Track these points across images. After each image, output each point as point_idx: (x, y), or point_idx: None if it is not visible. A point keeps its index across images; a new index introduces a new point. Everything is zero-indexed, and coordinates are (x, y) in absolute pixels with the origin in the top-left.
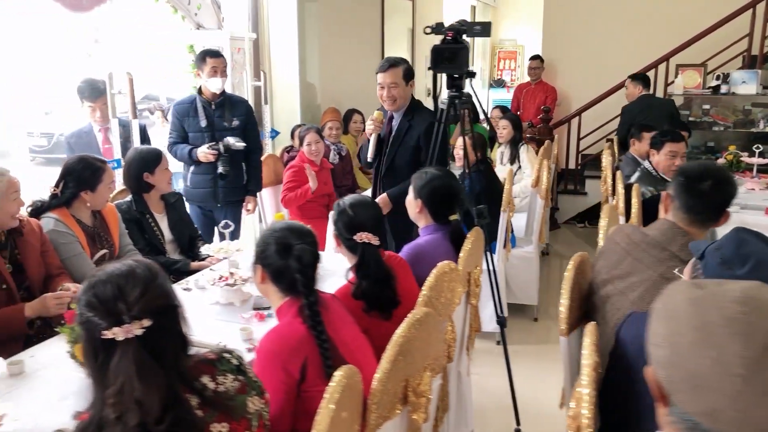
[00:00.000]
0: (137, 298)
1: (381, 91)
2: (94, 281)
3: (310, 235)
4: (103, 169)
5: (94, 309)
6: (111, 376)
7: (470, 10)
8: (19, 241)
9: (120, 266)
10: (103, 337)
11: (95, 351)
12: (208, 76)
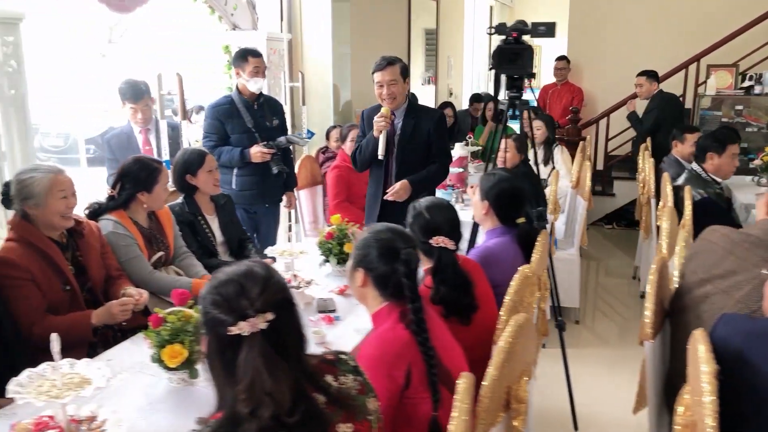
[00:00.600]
0: (258, 294)
1: (380, 90)
2: (216, 282)
3: (412, 239)
4: (159, 170)
5: (219, 306)
6: (240, 372)
7: (489, 10)
8: (80, 243)
9: (238, 267)
10: (230, 334)
11: (222, 348)
12: (250, 75)
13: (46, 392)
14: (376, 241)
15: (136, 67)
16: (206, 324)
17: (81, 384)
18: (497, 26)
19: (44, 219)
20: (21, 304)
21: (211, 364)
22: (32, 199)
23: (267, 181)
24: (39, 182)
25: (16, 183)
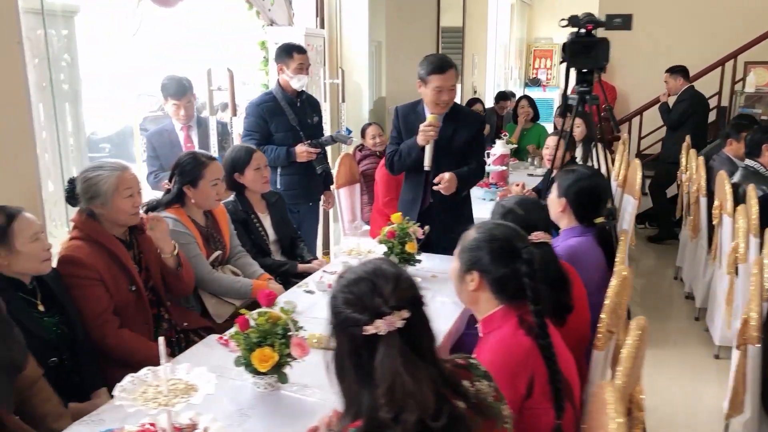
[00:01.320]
0: (392, 291)
1: (438, 95)
2: (346, 281)
3: (526, 237)
4: (204, 165)
5: (353, 305)
6: (377, 375)
7: (510, 8)
8: (141, 240)
9: (364, 265)
10: (365, 334)
11: (356, 349)
12: (294, 72)
13: (152, 399)
14: (490, 241)
15: (162, 63)
16: (339, 324)
17: (187, 390)
18: (570, 18)
19: (110, 217)
20: (88, 305)
21: (342, 366)
22: (99, 198)
23: (311, 180)
24: (105, 181)
25: (82, 181)
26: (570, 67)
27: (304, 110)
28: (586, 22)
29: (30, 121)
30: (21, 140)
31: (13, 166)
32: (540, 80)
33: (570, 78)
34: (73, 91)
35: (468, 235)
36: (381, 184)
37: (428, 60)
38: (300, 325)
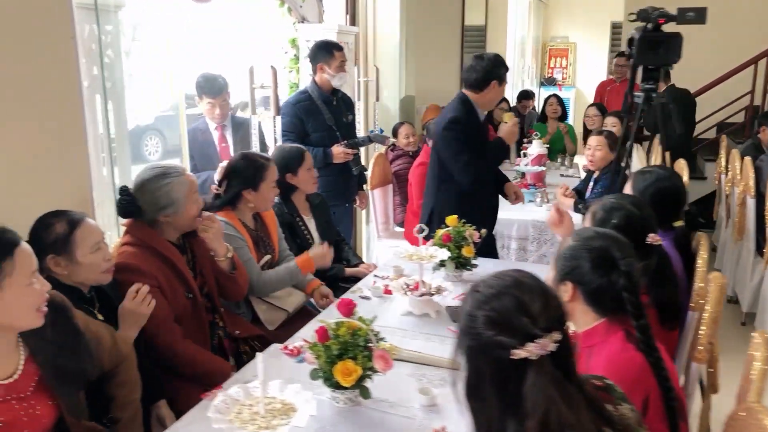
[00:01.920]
0: (541, 309)
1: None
2: (483, 297)
3: (628, 247)
4: (266, 167)
5: (497, 326)
6: (528, 403)
7: (528, 6)
8: (193, 243)
9: (501, 278)
10: (513, 358)
11: (500, 375)
12: (335, 71)
13: (250, 420)
14: (587, 251)
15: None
16: (479, 348)
17: (286, 411)
18: (639, 12)
19: (177, 223)
20: (151, 313)
21: (477, 391)
22: (171, 207)
23: (347, 181)
24: (176, 188)
25: (149, 192)
26: (638, 64)
27: (339, 109)
28: (657, 16)
29: (82, 120)
30: (73, 141)
31: (65, 167)
32: (555, 79)
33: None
34: (117, 88)
35: (564, 242)
36: (415, 186)
37: (501, 61)
38: (381, 337)
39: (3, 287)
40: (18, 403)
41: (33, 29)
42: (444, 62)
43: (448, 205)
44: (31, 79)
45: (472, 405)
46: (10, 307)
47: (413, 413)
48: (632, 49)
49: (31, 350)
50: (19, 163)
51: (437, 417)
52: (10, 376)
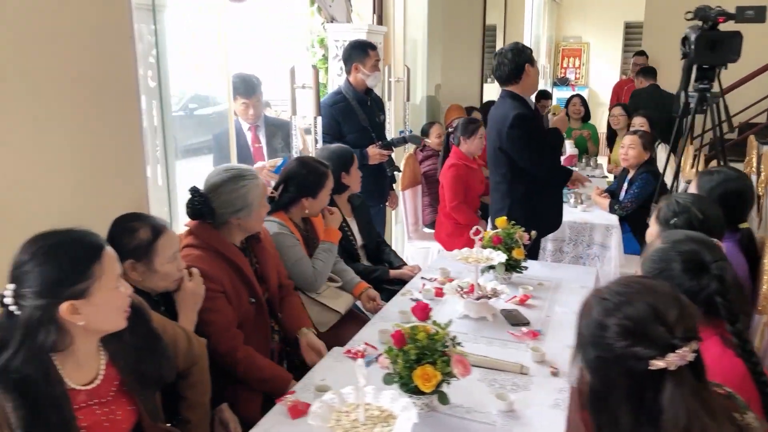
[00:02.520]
0: (678, 318)
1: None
2: (612, 305)
3: (719, 249)
4: (326, 175)
5: (633, 335)
6: (667, 414)
7: (543, 6)
8: (258, 248)
9: (629, 285)
10: (650, 368)
11: (636, 386)
12: (371, 70)
13: (351, 428)
14: (677, 253)
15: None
16: (612, 359)
17: (386, 419)
18: (697, 10)
19: (246, 226)
20: (213, 319)
21: (608, 405)
22: (245, 209)
23: (381, 182)
24: (252, 191)
25: (225, 194)
26: (694, 63)
27: (372, 110)
28: (716, 15)
29: (139, 120)
30: (129, 141)
31: (122, 168)
32: (568, 79)
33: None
34: (161, 88)
35: (652, 244)
36: (447, 189)
37: (522, 45)
38: (458, 341)
39: (92, 292)
40: (99, 408)
41: (93, 29)
42: (466, 62)
43: (523, 204)
44: (91, 79)
45: (599, 417)
46: (99, 311)
47: (492, 419)
48: (686, 49)
49: (111, 355)
50: (78, 164)
51: (516, 423)
52: (92, 382)
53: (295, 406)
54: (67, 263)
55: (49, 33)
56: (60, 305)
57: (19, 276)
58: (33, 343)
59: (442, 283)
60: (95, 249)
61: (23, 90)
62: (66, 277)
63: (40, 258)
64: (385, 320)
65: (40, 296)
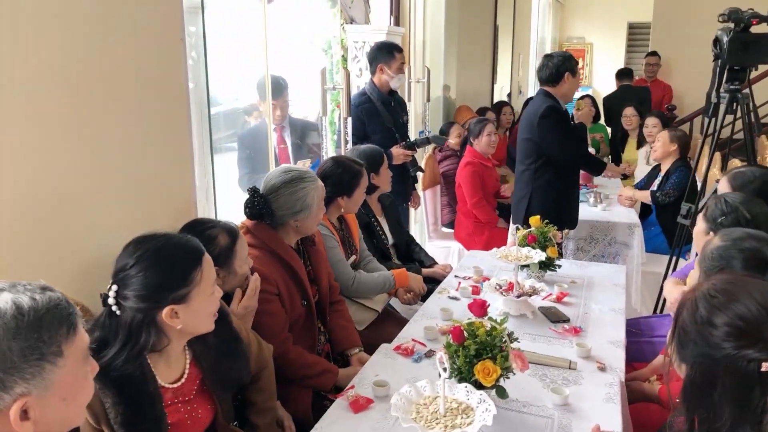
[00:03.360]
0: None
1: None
2: (719, 304)
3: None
4: (361, 174)
5: (745, 335)
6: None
7: (548, 6)
8: (312, 250)
9: (734, 284)
10: (762, 370)
11: (744, 387)
12: (395, 72)
13: (433, 420)
14: (738, 251)
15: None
16: (721, 358)
17: (465, 411)
18: (730, 12)
19: (304, 229)
20: (267, 321)
21: (709, 400)
22: (305, 211)
23: (404, 182)
24: (312, 193)
25: (285, 195)
26: (728, 65)
27: (396, 110)
28: (750, 17)
29: (188, 123)
30: (180, 142)
31: (172, 169)
32: None
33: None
34: (200, 89)
35: (711, 242)
36: (466, 186)
37: (569, 56)
38: (515, 337)
39: (192, 297)
40: (183, 406)
41: (146, 30)
42: (479, 63)
43: (545, 192)
44: (144, 80)
45: (696, 411)
46: (195, 316)
47: (549, 413)
48: (717, 50)
49: (195, 355)
50: (130, 165)
51: (573, 416)
52: (178, 380)
53: (357, 401)
54: (170, 269)
55: (103, 34)
56: (162, 309)
57: (123, 279)
58: (135, 344)
59: (476, 281)
60: (196, 255)
61: (78, 91)
62: (169, 282)
63: (144, 263)
64: (427, 317)
65: (143, 300)
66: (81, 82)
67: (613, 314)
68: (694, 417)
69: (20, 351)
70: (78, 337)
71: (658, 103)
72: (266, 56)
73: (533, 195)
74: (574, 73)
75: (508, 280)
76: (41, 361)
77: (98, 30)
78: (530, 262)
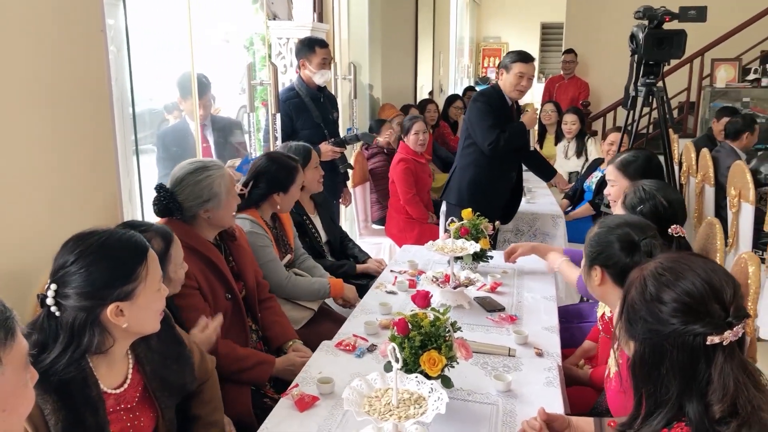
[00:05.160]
0: (733, 297)
1: (519, 80)
2: (666, 282)
3: (650, 227)
4: (297, 170)
5: (692, 311)
6: (715, 387)
7: (465, 7)
8: (233, 245)
9: (680, 261)
10: (707, 343)
11: (690, 360)
12: (317, 67)
13: (386, 412)
14: (615, 237)
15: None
16: (669, 333)
17: (418, 401)
18: (644, 10)
19: (216, 220)
20: (188, 316)
21: (656, 375)
22: (213, 201)
23: (335, 179)
24: (218, 181)
25: (190, 186)
26: (645, 60)
27: (325, 106)
28: (663, 14)
29: (110, 118)
30: (102, 141)
31: (96, 166)
32: (489, 78)
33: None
34: (121, 85)
35: (591, 231)
36: (400, 183)
37: (515, 52)
38: (458, 326)
39: (137, 293)
40: (125, 413)
41: (64, 19)
42: (401, 62)
43: (464, 171)
44: (63, 73)
45: (645, 385)
46: (141, 314)
47: (494, 399)
48: (634, 46)
49: (138, 359)
50: (50, 164)
51: (517, 401)
52: (121, 386)
53: (302, 399)
54: (114, 264)
55: (19, 27)
56: (106, 307)
57: (63, 277)
58: (77, 346)
59: (412, 275)
60: (141, 250)
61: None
62: (114, 278)
63: (86, 258)
64: (366, 313)
65: (87, 297)
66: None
67: (545, 302)
68: (642, 392)
69: None
70: (17, 344)
71: (576, 99)
72: (191, 53)
73: (455, 172)
74: (507, 70)
75: (444, 272)
76: None
77: (9, 18)
78: (465, 254)
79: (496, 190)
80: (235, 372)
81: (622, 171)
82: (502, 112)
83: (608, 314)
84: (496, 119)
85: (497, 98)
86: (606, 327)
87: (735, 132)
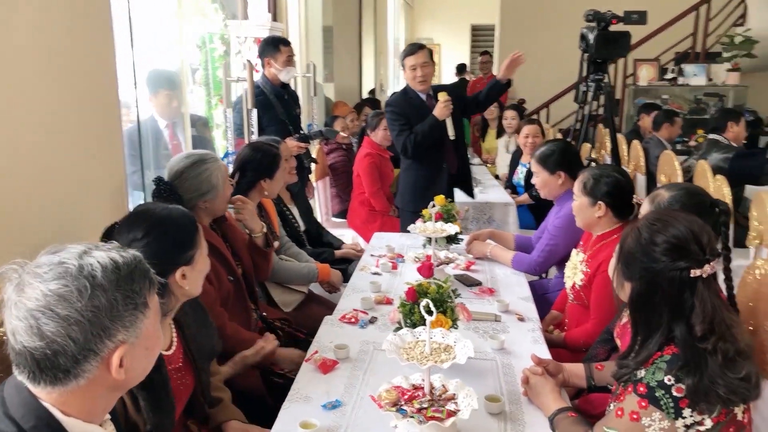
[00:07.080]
0: (709, 239)
1: (413, 72)
2: (657, 228)
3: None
4: (280, 155)
5: (679, 249)
6: (697, 311)
7: (399, 8)
8: (225, 228)
9: (669, 214)
10: (690, 276)
11: (677, 289)
12: (283, 65)
13: (422, 357)
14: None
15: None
16: (661, 268)
17: (447, 349)
18: (594, 13)
19: (213, 209)
20: (201, 299)
21: (650, 304)
22: (211, 192)
23: (299, 173)
24: (215, 173)
25: (190, 179)
26: (596, 59)
27: (289, 103)
28: (611, 17)
29: (117, 106)
30: (110, 129)
31: (103, 158)
32: None
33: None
34: None
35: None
36: (365, 177)
37: (404, 49)
38: (459, 293)
39: (196, 258)
40: (175, 373)
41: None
42: (348, 61)
43: (407, 172)
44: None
45: (640, 315)
46: (197, 276)
47: (491, 356)
48: (584, 45)
49: (178, 324)
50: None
51: (511, 356)
52: (170, 348)
53: (324, 363)
54: (180, 234)
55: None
56: (175, 273)
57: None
58: None
59: (391, 258)
60: (193, 220)
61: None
62: (181, 246)
63: (155, 231)
64: (358, 291)
65: (159, 265)
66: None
67: (516, 276)
68: (638, 327)
69: (123, 300)
70: (155, 292)
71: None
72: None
73: (399, 176)
74: (404, 68)
75: (425, 253)
76: (136, 311)
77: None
78: (445, 235)
79: (436, 184)
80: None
81: (541, 164)
82: (418, 110)
83: (578, 284)
84: (406, 123)
85: (407, 99)
86: (577, 294)
87: (661, 123)
